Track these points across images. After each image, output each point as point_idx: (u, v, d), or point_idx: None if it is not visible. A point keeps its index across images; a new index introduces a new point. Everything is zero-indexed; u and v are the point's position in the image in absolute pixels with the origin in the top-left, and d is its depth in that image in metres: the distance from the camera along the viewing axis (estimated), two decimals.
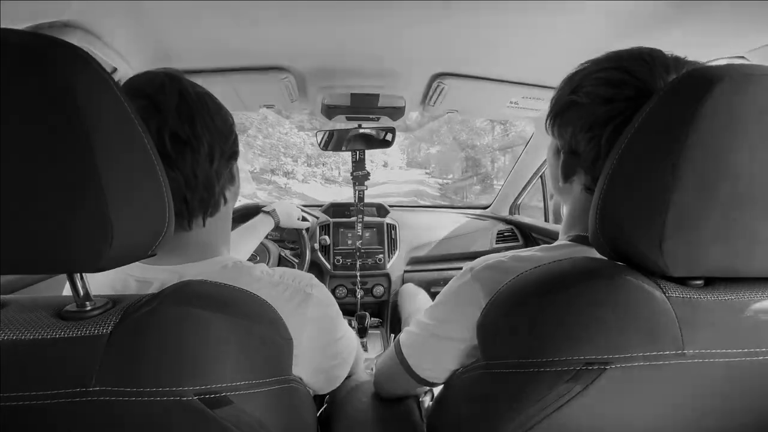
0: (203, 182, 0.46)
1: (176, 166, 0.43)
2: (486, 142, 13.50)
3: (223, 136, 0.48)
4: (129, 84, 0.44)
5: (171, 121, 0.42)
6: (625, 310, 0.33)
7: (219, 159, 0.48)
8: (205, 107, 0.46)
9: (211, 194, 0.48)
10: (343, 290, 1.47)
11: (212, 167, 0.47)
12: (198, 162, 0.45)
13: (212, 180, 0.47)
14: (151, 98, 0.42)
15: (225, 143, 0.49)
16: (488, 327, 0.40)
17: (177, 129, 0.43)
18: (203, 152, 0.45)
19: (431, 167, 18.13)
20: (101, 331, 0.30)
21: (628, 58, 0.43)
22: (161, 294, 0.33)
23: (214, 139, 0.46)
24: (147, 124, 0.38)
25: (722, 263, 0.32)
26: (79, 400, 0.29)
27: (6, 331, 0.30)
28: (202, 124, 0.45)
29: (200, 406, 0.31)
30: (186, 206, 0.46)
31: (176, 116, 0.43)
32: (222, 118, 0.49)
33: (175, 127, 0.43)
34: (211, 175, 0.47)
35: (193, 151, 0.44)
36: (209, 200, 0.48)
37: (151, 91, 0.43)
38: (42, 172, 0.27)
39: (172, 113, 0.43)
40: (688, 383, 0.33)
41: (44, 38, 0.27)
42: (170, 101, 0.43)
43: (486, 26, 0.76)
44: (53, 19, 0.61)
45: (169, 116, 0.42)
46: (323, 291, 0.53)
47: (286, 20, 0.73)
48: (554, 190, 0.56)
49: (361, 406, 0.67)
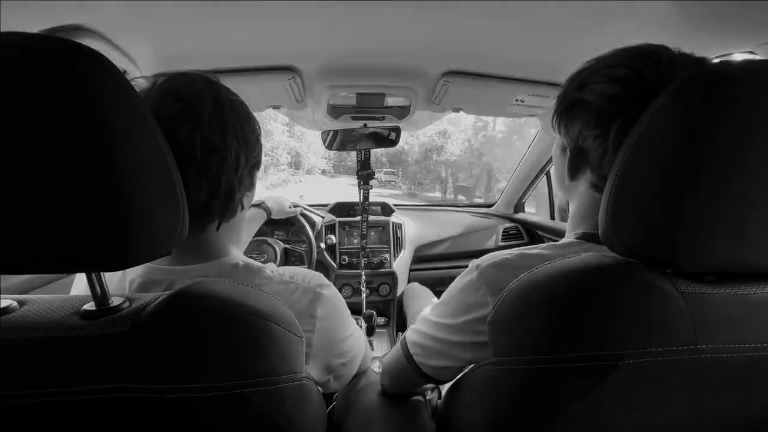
0: (226, 190, 0.47)
1: (202, 173, 0.44)
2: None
3: (250, 146, 0.49)
4: (166, 85, 0.44)
5: (203, 128, 0.43)
6: (638, 306, 0.33)
7: (244, 168, 0.48)
8: (236, 116, 0.47)
9: (231, 201, 0.48)
10: (348, 289, 1.48)
11: (236, 176, 0.47)
12: (224, 170, 0.45)
13: (234, 188, 0.48)
14: (186, 103, 0.43)
15: (251, 153, 0.49)
16: (499, 323, 0.40)
17: (208, 136, 0.43)
18: (230, 160, 0.46)
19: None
20: (120, 330, 0.31)
21: (634, 55, 0.43)
22: (177, 293, 0.34)
23: (241, 148, 0.47)
24: (179, 128, 0.39)
25: (734, 258, 0.32)
26: (100, 397, 0.30)
27: (29, 330, 0.31)
28: (232, 133, 0.46)
29: (217, 403, 0.31)
30: (207, 211, 0.46)
31: (209, 123, 0.43)
32: (251, 127, 0.49)
33: (207, 133, 0.43)
34: (234, 184, 0.48)
35: (221, 159, 0.45)
36: (228, 206, 0.48)
37: (187, 95, 0.43)
38: (61, 172, 0.28)
39: (205, 120, 0.43)
40: (701, 378, 0.33)
41: (63, 42, 0.27)
42: (205, 107, 0.43)
43: (493, 24, 0.76)
44: (64, 22, 0.62)
45: (202, 123, 0.43)
46: (333, 290, 0.54)
47: (293, 21, 0.73)
48: (560, 188, 0.55)
49: (370, 405, 0.67)
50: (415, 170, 23.40)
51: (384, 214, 1.58)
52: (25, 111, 0.27)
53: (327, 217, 1.50)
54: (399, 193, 20.80)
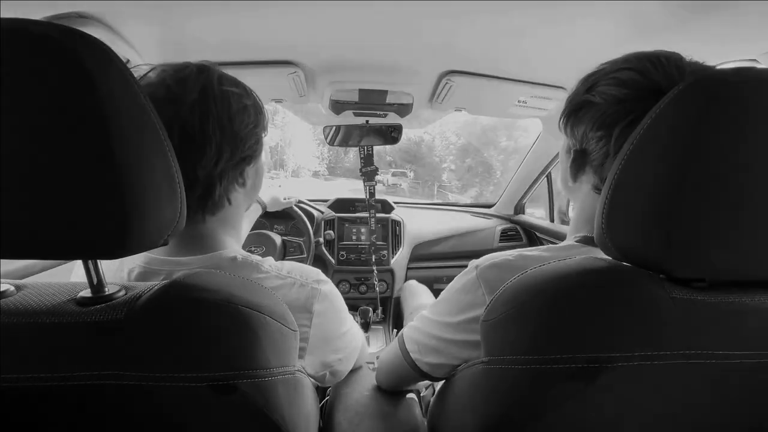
0: (203, 181, 0.46)
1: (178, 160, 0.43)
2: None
3: (239, 139, 0.47)
4: (162, 72, 0.44)
5: (183, 115, 0.42)
6: (629, 310, 0.33)
7: (227, 161, 0.47)
8: (225, 107, 0.45)
9: (209, 194, 0.47)
10: (346, 285, 1.48)
11: (216, 168, 0.46)
12: (200, 161, 0.44)
13: (213, 181, 0.46)
14: (170, 89, 0.43)
15: (238, 146, 0.47)
16: (491, 323, 0.40)
17: (185, 124, 0.43)
18: (209, 152, 0.44)
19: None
20: (114, 317, 0.31)
21: (644, 59, 0.43)
22: (173, 282, 0.34)
23: (224, 140, 0.45)
24: (161, 113, 0.38)
25: (727, 266, 0.33)
26: (93, 383, 0.30)
27: (24, 315, 0.31)
28: (215, 123, 0.44)
29: (210, 393, 0.32)
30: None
31: (188, 111, 0.43)
32: (243, 121, 0.47)
33: (185, 121, 0.43)
34: (214, 176, 0.46)
35: (198, 149, 0.44)
36: (207, 200, 0.47)
37: (171, 82, 0.43)
38: (62, 159, 0.28)
39: (185, 107, 0.43)
40: (690, 383, 0.33)
41: (66, 29, 0.27)
42: (188, 95, 0.43)
43: (496, 24, 0.76)
44: (68, 10, 0.62)
45: (182, 110, 0.43)
46: (330, 286, 0.54)
47: (297, 15, 0.73)
48: (564, 190, 0.56)
49: (363, 399, 0.68)
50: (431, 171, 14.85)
51: (384, 211, 1.58)
52: (25, 98, 0.27)
53: (326, 213, 1.51)
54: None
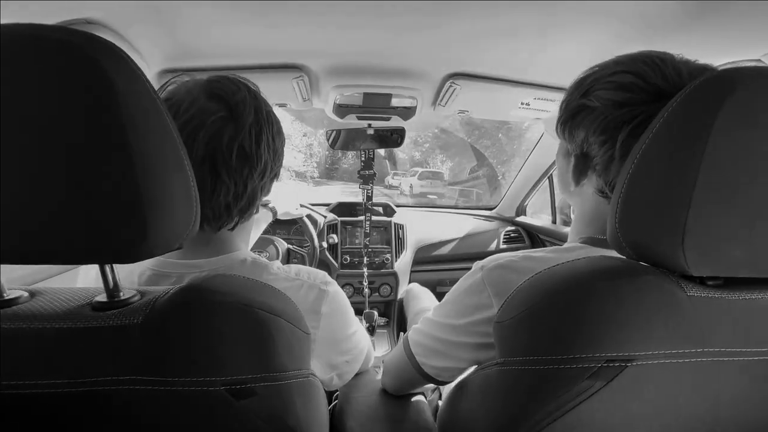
0: (249, 195, 0.49)
1: (233, 176, 0.46)
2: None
3: (278, 156, 0.52)
4: (209, 86, 0.46)
5: (243, 135, 0.45)
6: (647, 308, 0.33)
7: (268, 176, 0.51)
8: (271, 127, 0.49)
9: (251, 205, 0.51)
10: (350, 289, 1.48)
11: (261, 182, 0.50)
12: (252, 176, 0.48)
13: (257, 194, 0.50)
14: (232, 110, 0.45)
15: (277, 162, 0.52)
16: (506, 324, 0.40)
17: (245, 144, 0.46)
18: (259, 168, 0.48)
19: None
20: (132, 322, 0.31)
21: (639, 61, 0.43)
22: (189, 286, 0.34)
23: (269, 158, 0.49)
24: (222, 133, 0.44)
25: (743, 263, 0.33)
26: (110, 389, 0.30)
27: (41, 320, 0.31)
28: (266, 143, 0.48)
29: (227, 397, 0.31)
30: (228, 212, 0.48)
31: (248, 132, 0.46)
32: (281, 139, 0.52)
33: (244, 141, 0.45)
34: (257, 190, 0.50)
35: (251, 167, 0.47)
36: (248, 210, 0.50)
37: (233, 103, 0.45)
38: (78, 164, 0.28)
39: (246, 128, 0.45)
40: (708, 381, 0.33)
41: (83, 35, 0.27)
42: (247, 117, 0.46)
43: (500, 27, 0.76)
44: (76, 17, 0.63)
45: (243, 131, 0.45)
46: (337, 288, 0.55)
47: (302, 20, 0.73)
48: (564, 193, 0.55)
49: (373, 404, 0.67)
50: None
51: (386, 214, 1.58)
52: (42, 102, 0.27)
53: (329, 217, 1.50)
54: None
